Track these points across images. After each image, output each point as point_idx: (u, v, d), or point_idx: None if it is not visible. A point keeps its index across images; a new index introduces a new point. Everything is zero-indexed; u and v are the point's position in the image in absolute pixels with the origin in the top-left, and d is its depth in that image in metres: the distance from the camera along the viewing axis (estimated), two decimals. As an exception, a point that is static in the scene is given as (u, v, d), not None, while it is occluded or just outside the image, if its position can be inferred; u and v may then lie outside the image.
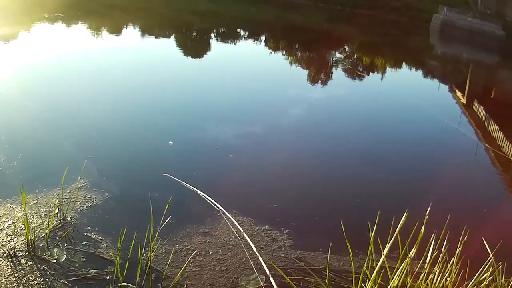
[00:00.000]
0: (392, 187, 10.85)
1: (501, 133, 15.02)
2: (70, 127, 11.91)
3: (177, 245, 7.51)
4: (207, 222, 8.24)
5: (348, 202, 9.95)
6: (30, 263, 6.68)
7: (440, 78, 25.76)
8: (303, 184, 10.65)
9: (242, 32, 35.75)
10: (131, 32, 30.18)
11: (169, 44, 28.07)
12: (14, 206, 7.93)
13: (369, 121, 16.00)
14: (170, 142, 11.71)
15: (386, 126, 15.64)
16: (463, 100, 20.09)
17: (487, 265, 5.71)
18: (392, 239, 5.68)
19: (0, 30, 24.97)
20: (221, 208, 8.54)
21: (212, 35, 34.00)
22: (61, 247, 7.12)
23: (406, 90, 22.45)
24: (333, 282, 6.97)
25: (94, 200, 8.50)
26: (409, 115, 16.88)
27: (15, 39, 23.10)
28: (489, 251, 5.86)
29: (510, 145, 14.06)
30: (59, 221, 7.73)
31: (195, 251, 7.39)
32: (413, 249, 5.70)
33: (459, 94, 21.27)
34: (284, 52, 29.79)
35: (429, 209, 5.95)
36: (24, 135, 11.22)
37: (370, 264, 5.97)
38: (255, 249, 7.51)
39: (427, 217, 5.87)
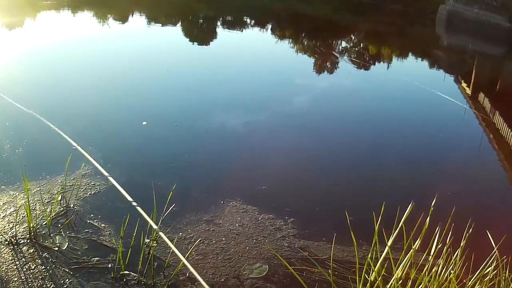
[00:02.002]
0: (398, 177, 10.77)
1: (506, 125, 14.93)
2: (75, 113, 11.88)
3: (180, 233, 7.48)
4: (211, 210, 8.21)
5: (353, 192, 9.89)
6: (31, 250, 6.66)
7: (445, 68, 25.62)
8: (308, 173, 10.59)
9: (248, 20, 35.61)
10: (137, 20, 30.04)
11: (175, 32, 27.95)
12: (16, 193, 7.92)
13: (374, 109, 15.86)
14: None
15: (391, 115, 15.50)
16: (469, 92, 19.98)
17: (491, 259, 5.68)
18: (397, 230, 5.66)
19: (3, 19, 25.02)
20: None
21: (219, 22, 33.89)
22: (63, 235, 7.09)
23: (411, 80, 22.28)
24: (336, 272, 6.93)
25: (97, 187, 8.46)
26: (414, 105, 16.74)
27: (20, 27, 23.13)
28: (494, 245, 5.84)
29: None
30: (62, 209, 7.70)
31: (198, 240, 7.36)
32: (418, 240, 5.68)
33: (464, 85, 21.17)
34: (290, 40, 29.66)
35: (434, 200, 5.92)
36: (29, 122, 11.15)
37: (374, 255, 5.94)
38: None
39: (432, 208, 5.85)
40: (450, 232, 5.87)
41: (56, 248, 6.77)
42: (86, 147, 9.53)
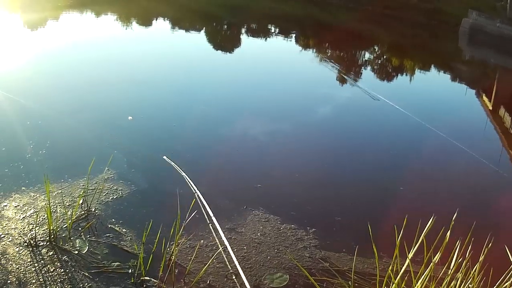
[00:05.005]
0: (420, 191, 10.65)
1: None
2: (100, 118, 11.88)
3: (202, 241, 7.40)
4: (233, 218, 8.14)
5: (376, 204, 9.79)
6: (51, 253, 6.61)
7: (467, 82, 25.62)
8: (330, 184, 10.52)
9: (272, 28, 35.72)
10: (160, 24, 30.27)
11: (198, 38, 28.03)
12: (37, 195, 7.88)
13: (396, 121, 15.82)
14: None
15: (414, 128, 15.43)
16: (490, 106, 19.86)
17: (509, 274, 5.61)
18: (418, 243, 5.59)
19: (26, 16, 25.21)
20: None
21: (243, 30, 33.99)
22: (84, 238, 7.04)
23: (433, 94, 22.25)
24: (356, 284, 6.85)
25: (120, 192, 8.41)
26: (436, 120, 16.56)
27: (43, 27, 23.32)
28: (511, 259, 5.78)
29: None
30: (83, 212, 7.66)
31: (220, 247, 7.29)
32: (438, 254, 5.62)
33: (485, 99, 21.07)
34: (313, 50, 29.72)
35: (455, 215, 5.85)
36: (54, 124, 11.14)
37: (394, 267, 5.87)
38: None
39: (453, 223, 5.78)
40: (470, 246, 5.81)
41: (76, 252, 6.71)
42: (110, 152, 9.54)
